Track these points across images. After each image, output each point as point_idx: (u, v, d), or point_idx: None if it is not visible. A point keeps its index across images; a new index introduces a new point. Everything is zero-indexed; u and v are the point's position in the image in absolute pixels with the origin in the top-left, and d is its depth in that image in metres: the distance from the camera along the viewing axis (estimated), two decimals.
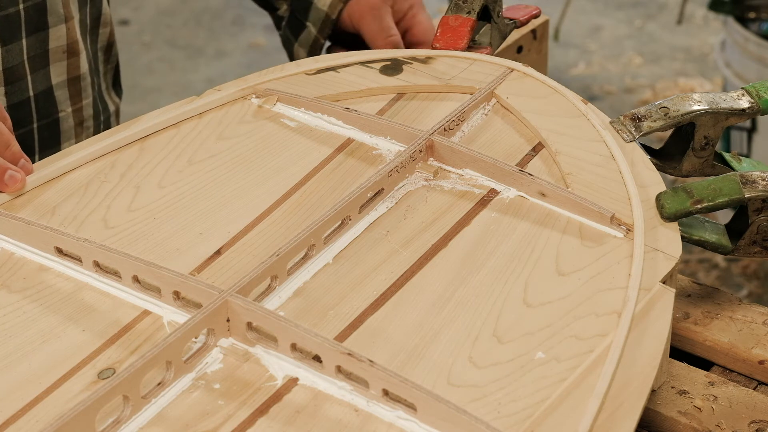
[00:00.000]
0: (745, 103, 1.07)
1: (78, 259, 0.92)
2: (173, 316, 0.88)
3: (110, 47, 1.34)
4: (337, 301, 0.90)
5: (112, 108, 1.34)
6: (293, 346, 0.84)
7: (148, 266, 0.89)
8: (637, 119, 1.06)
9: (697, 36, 3.57)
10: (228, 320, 0.86)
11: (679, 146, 1.09)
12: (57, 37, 1.21)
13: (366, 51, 1.19)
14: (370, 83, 1.14)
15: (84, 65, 1.25)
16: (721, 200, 0.97)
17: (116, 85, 1.38)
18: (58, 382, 0.83)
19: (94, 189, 1.01)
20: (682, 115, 1.05)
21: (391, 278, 0.92)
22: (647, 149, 1.09)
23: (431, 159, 1.05)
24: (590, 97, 3.21)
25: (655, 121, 1.05)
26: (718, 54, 2.70)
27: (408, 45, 1.35)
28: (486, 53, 1.20)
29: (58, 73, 1.23)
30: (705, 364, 0.99)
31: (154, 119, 1.09)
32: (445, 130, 1.06)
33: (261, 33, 3.70)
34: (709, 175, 1.09)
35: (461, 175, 1.03)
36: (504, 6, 1.25)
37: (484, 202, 1.00)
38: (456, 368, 0.84)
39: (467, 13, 1.21)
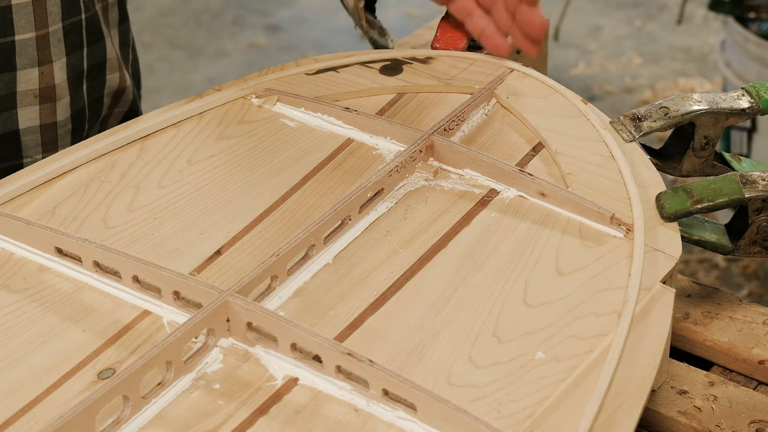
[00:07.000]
0: (745, 103, 1.07)
1: (78, 259, 0.92)
2: (173, 316, 0.88)
3: (120, 94, 1.26)
4: (337, 301, 0.90)
5: None
6: (293, 346, 0.84)
7: (148, 266, 0.89)
8: (637, 119, 1.06)
9: (697, 36, 3.56)
10: (228, 320, 0.86)
11: (679, 146, 1.09)
12: (27, 80, 1.14)
13: (366, 51, 1.19)
14: (370, 83, 1.14)
15: (63, 112, 1.18)
16: (721, 200, 0.97)
17: None
18: (58, 382, 0.83)
19: (94, 189, 1.01)
20: (682, 115, 1.05)
21: (391, 278, 0.92)
22: (647, 149, 1.09)
23: (431, 159, 1.05)
24: (590, 97, 3.21)
25: (655, 121, 1.05)
26: (718, 54, 2.70)
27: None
28: (486, 53, 1.19)
29: (28, 118, 1.16)
30: (705, 364, 0.99)
31: (154, 119, 1.09)
32: (445, 130, 1.06)
33: (261, 33, 3.70)
34: (709, 175, 1.08)
35: (461, 175, 1.03)
36: None
37: (484, 202, 1.00)
38: (456, 368, 0.84)
39: None
